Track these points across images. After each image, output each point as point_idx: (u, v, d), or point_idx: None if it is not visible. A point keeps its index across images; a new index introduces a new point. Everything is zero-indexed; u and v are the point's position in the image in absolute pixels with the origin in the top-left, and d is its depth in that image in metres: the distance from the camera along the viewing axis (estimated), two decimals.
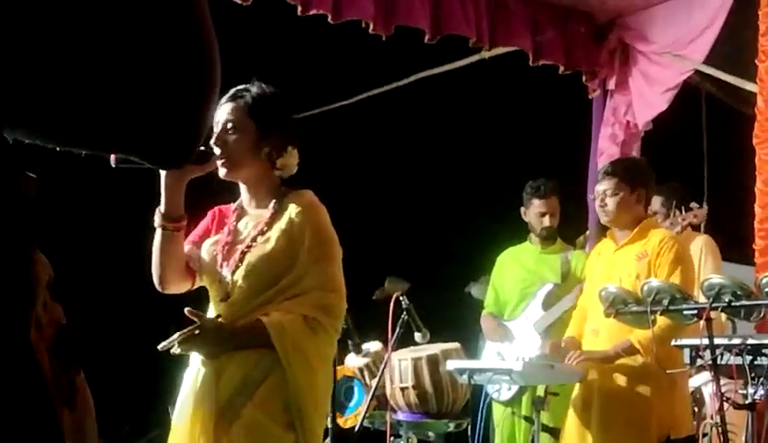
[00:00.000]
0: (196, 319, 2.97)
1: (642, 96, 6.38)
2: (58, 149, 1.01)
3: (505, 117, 7.39)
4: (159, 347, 2.95)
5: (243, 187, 3.23)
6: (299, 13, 5.13)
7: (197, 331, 2.96)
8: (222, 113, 3.09)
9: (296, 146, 3.21)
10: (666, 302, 4.24)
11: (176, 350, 2.98)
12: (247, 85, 3.15)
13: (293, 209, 3.13)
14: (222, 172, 3.08)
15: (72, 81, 0.92)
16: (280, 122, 3.15)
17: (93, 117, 0.95)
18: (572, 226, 6.26)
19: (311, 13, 5.17)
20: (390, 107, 7.12)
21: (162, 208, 3.02)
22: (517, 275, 5.90)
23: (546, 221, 5.82)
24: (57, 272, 1.02)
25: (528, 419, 5.15)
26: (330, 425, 4.73)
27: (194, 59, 0.99)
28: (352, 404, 5.41)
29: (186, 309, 3.00)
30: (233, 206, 3.27)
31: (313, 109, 6.83)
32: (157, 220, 3.05)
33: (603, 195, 4.76)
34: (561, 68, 6.21)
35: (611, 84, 6.46)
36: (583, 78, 6.45)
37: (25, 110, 0.94)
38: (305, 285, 3.07)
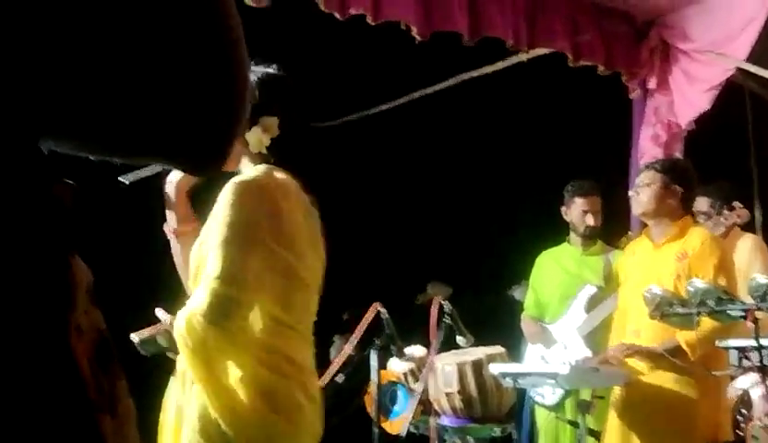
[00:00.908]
0: (162, 319, 2.87)
1: (683, 95, 6.31)
2: (93, 158, 1.01)
3: (545, 119, 7.36)
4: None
5: None
6: (339, 18, 5.13)
7: (156, 332, 2.87)
8: None
9: (268, 114, 2.93)
10: (711, 303, 4.20)
11: (140, 350, 2.89)
12: None
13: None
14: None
15: (108, 89, 0.93)
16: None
17: (128, 125, 0.96)
18: (614, 228, 6.21)
19: (350, 14, 5.15)
20: (431, 110, 7.11)
21: (166, 216, 3.03)
22: (557, 277, 5.86)
23: (590, 219, 5.78)
24: (99, 279, 1.02)
25: (573, 423, 5.10)
26: (375, 430, 4.74)
27: (225, 65, 0.99)
28: (396, 409, 5.40)
29: (156, 309, 2.90)
30: None
31: (354, 113, 6.84)
32: (165, 228, 3.06)
33: (638, 186, 4.77)
34: (601, 69, 6.16)
35: (652, 84, 6.40)
36: (623, 78, 6.40)
37: (60, 119, 0.95)
38: (204, 273, 2.77)
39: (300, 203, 2.92)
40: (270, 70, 3.02)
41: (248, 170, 2.92)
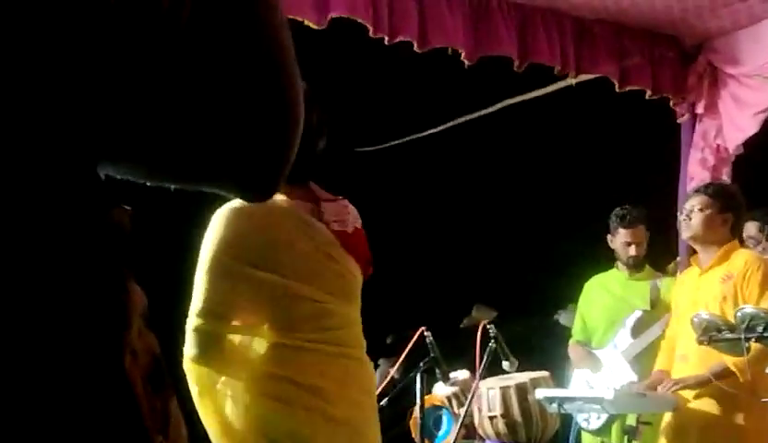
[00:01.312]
0: None
1: (731, 119, 6.26)
2: (148, 183, 1.04)
3: (594, 143, 7.34)
4: None
5: None
6: (386, 42, 5.14)
7: None
8: None
9: None
10: (760, 329, 4.16)
11: None
12: None
13: None
14: None
15: (165, 115, 0.95)
16: None
17: (185, 152, 0.98)
18: (662, 253, 6.17)
19: (397, 40, 5.17)
20: (479, 135, 7.13)
21: None
22: (605, 302, 5.83)
23: (632, 250, 5.76)
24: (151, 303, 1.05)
25: None
26: None
27: (280, 92, 1.01)
28: (441, 433, 5.40)
29: None
30: None
31: (401, 138, 6.87)
32: None
33: (689, 210, 4.73)
34: (648, 93, 6.14)
35: (700, 108, 6.36)
36: (671, 103, 6.36)
37: (118, 145, 0.97)
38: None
39: (286, 221, 2.95)
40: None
41: None
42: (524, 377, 5.20)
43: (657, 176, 6.70)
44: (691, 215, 4.72)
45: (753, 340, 4.19)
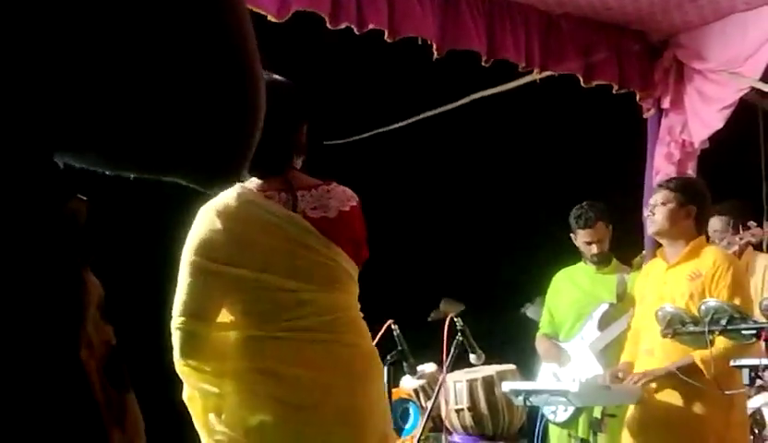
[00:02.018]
0: None
1: (697, 114, 6.31)
2: (108, 173, 1.03)
3: (560, 137, 7.37)
4: None
5: None
6: (356, 32, 5.13)
7: None
8: None
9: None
10: (724, 322, 4.19)
11: None
12: None
13: None
14: None
15: (122, 103, 0.94)
16: None
17: (142, 140, 0.97)
18: (629, 246, 6.21)
19: (367, 29, 5.15)
20: (445, 129, 7.13)
21: None
22: (572, 295, 5.87)
23: (594, 248, 5.80)
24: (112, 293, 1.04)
25: (585, 441, 5.10)
26: None
27: (240, 80, 1.00)
28: (408, 426, 5.41)
29: None
30: None
31: (366, 131, 6.86)
32: None
33: (653, 205, 4.76)
34: (615, 88, 6.17)
35: (666, 103, 6.40)
36: (637, 98, 6.40)
37: (74, 134, 0.96)
38: None
39: (255, 215, 2.97)
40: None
41: None
42: (491, 370, 5.22)
43: (624, 171, 6.74)
44: (655, 210, 4.74)
45: (717, 333, 4.22)
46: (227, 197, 2.95)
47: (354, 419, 2.92)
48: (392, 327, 4.68)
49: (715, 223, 5.63)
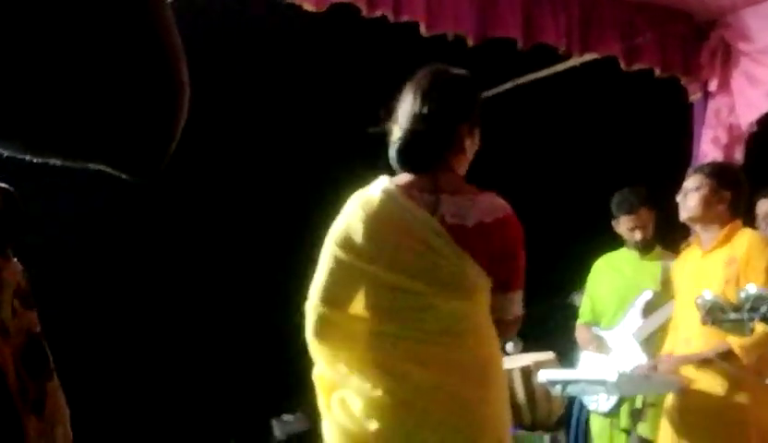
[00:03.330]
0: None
1: (744, 97, 6.17)
2: (34, 160, 1.02)
3: (603, 123, 7.27)
4: None
5: None
6: (391, 21, 5.09)
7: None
8: None
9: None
10: (764, 309, 4.09)
11: None
12: None
13: None
14: None
15: (46, 90, 0.93)
16: None
17: (64, 127, 0.96)
18: (676, 232, 6.10)
19: (402, 20, 5.12)
20: (485, 116, 7.07)
21: None
22: (614, 282, 5.77)
23: (637, 234, 5.70)
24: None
25: (626, 431, 5.02)
26: None
27: (164, 69, 0.98)
28: None
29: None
30: None
31: None
32: None
33: (686, 190, 4.67)
34: (657, 71, 6.05)
35: (712, 86, 6.26)
36: (682, 81, 6.27)
37: None
38: None
39: (395, 212, 3.00)
40: None
41: None
42: (529, 359, 5.16)
43: (670, 156, 6.62)
44: (687, 195, 4.65)
45: (758, 320, 4.13)
46: (372, 191, 3.04)
47: (467, 424, 2.93)
48: None
49: (763, 206, 5.53)
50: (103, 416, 5.99)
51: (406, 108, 3.08)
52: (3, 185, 1.02)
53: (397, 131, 3.07)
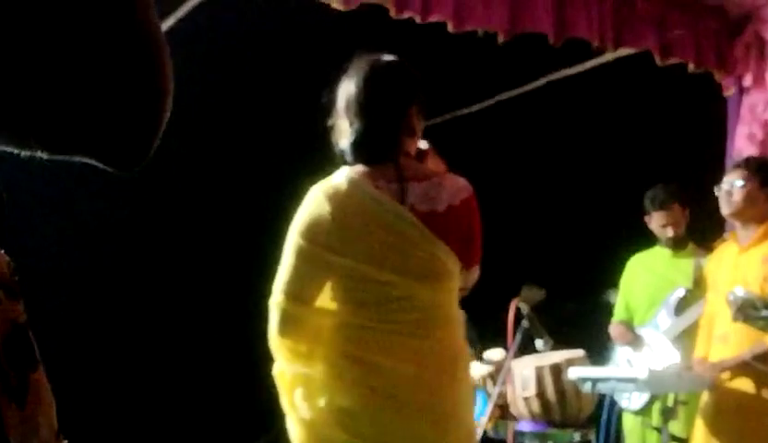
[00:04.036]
0: None
1: None
2: (20, 153, 1.02)
3: (638, 118, 7.20)
4: None
5: None
6: (419, 21, 5.09)
7: None
8: None
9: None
10: None
11: None
12: None
13: None
14: None
15: (27, 82, 0.93)
16: None
17: (49, 118, 0.96)
18: (708, 229, 6.03)
19: (431, 20, 5.11)
20: (521, 112, 7.05)
21: None
22: (646, 280, 5.73)
23: (669, 231, 5.65)
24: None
25: (658, 429, 4.98)
26: None
27: (148, 62, 0.99)
28: (476, 413, 5.35)
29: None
30: None
31: (442, 115, 6.82)
32: None
33: (730, 185, 4.61)
34: (691, 66, 5.98)
35: (747, 81, 6.18)
36: (716, 76, 6.20)
37: None
38: None
39: (364, 204, 2.94)
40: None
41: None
42: (560, 356, 5.13)
43: (705, 152, 6.55)
44: (733, 191, 4.59)
45: None
46: (337, 181, 2.96)
47: (439, 414, 2.90)
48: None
49: None
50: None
51: (352, 100, 3.00)
52: None
53: (344, 124, 3.01)
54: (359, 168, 2.98)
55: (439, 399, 2.89)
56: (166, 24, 5.25)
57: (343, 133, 3.01)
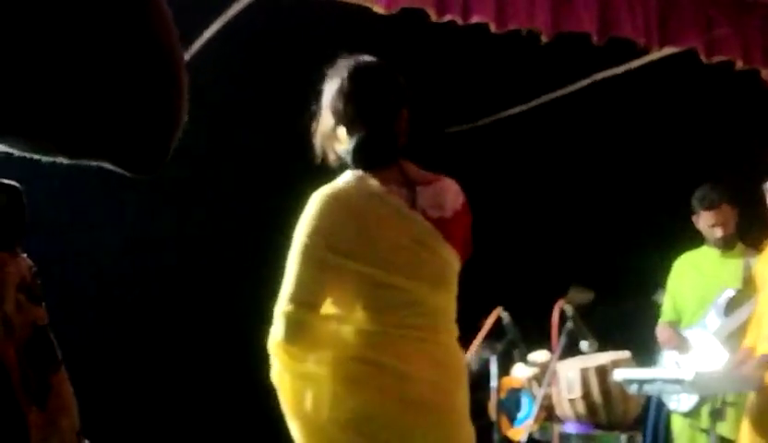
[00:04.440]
0: None
1: None
2: (33, 156, 1.04)
3: (683, 117, 7.13)
4: None
5: None
6: (460, 23, 5.08)
7: None
8: None
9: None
10: None
11: None
12: None
13: None
14: None
15: (45, 88, 0.95)
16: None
17: (67, 123, 0.98)
18: (757, 229, 5.95)
19: (472, 22, 5.10)
20: (567, 112, 7.00)
21: None
22: (695, 281, 5.67)
23: (718, 232, 5.58)
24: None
25: (706, 431, 4.93)
26: (495, 436, 4.69)
27: (164, 68, 1.00)
28: (522, 415, 5.32)
29: None
30: None
31: (485, 118, 6.80)
32: None
33: None
34: (739, 64, 5.90)
35: None
36: (762, 74, 6.11)
37: (2, 118, 0.97)
38: None
39: (380, 210, 2.91)
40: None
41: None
42: (606, 358, 5.09)
43: (752, 150, 6.47)
44: None
45: None
46: (346, 186, 2.93)
47: (454, 418, 2.91)
48: (501, 315, 4.62)
49: None
50: None
51: (347, 104, 2.96)
52: (7, 181, 1.04)
53: (340, 129, 2.96)
54: (365, 172, 2.95)
55: (452, 402, 2.90)
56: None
57: (342, 138, 2.98)
